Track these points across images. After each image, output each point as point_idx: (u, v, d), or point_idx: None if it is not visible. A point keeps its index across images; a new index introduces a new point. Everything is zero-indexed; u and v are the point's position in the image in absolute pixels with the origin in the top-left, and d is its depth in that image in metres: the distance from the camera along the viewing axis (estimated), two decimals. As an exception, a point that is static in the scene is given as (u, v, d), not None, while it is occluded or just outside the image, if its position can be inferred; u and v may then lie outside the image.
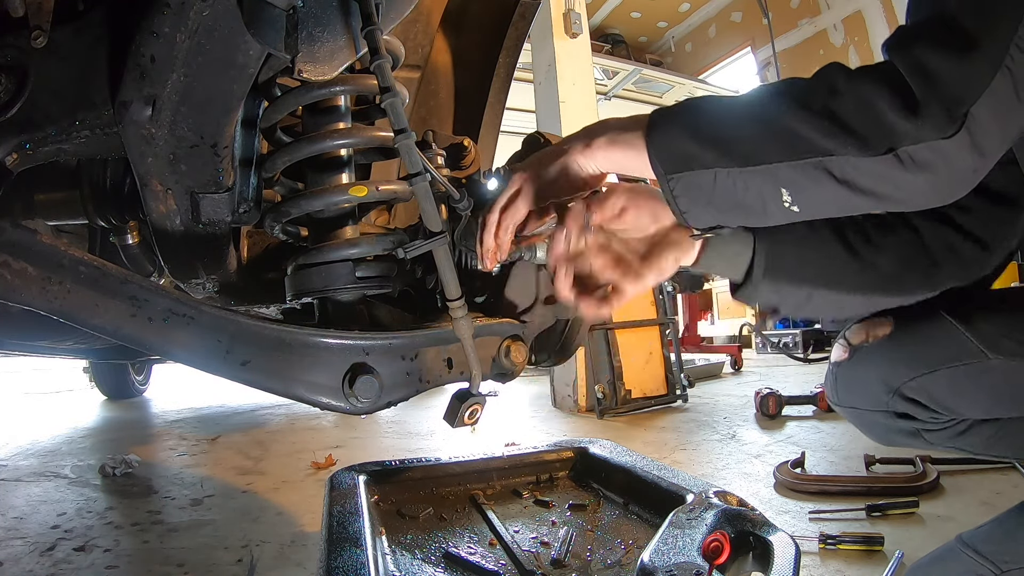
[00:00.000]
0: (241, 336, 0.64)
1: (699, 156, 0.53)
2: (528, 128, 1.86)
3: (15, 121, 0.60)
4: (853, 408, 0.80)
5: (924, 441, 0.77)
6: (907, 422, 0.75)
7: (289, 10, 0.54)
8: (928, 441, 0.77)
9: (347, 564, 0.63)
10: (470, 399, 0.61)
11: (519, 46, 1.21)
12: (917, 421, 0.75)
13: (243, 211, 0.76)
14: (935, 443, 0.77)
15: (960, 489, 1.21)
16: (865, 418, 0.80)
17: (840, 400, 0.82)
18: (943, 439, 0.76)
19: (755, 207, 0.54)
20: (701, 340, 5.53)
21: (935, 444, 0.77)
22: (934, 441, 0.76)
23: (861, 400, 0.79)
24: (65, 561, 1.05)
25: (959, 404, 0.71)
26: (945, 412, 0.73)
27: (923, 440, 0.77)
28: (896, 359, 0.73)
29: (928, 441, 0.77)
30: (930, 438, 0.76)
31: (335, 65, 0.58)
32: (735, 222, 0.59)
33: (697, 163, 0.54)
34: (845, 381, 0.80)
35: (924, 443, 0.78)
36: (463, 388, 0.61)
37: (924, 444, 0.78)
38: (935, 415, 0.73)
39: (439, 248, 0.51)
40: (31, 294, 0.57)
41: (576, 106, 2.78)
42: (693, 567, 0.58)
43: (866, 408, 0.78)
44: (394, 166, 1.14)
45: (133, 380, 3.57)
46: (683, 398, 2.62)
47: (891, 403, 0.74)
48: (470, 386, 0.61)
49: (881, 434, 0.81)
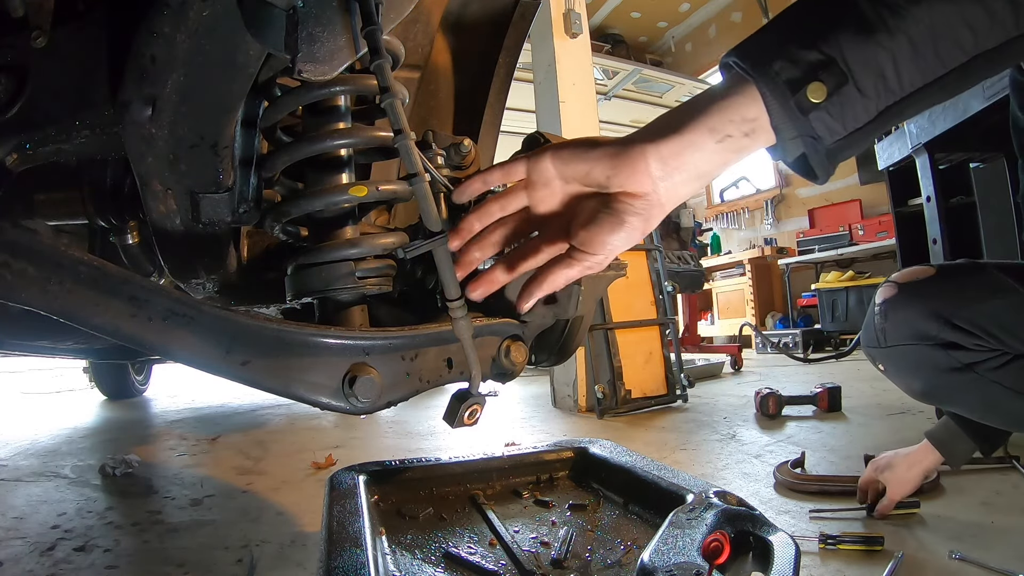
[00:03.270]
0: (241, 336, 0.64)
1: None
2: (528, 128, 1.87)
3: (15, 121, 0.60)
4: (900, 346, 0.88)
5: (971, 375, 0.84)
6: (956, 353, 0.83)
7: (289, 10, 0.54)
8: (975, 373, 0.84)
9: (347, 564, 0.63)
10: (470, 399, 0.60)
11: (519, 46, 1.21)
12: (964, 351, 0.83)
13: (243, 211, 0.76)
14: (980, 374, 0.84)
15: (960, 489, 1.21)
16: (912, 356, 0.87)
17: (888, 339, 0.89)
18: (987, 370, 0.83)
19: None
20: (701, 340, 5.53)
21: (980, 377, 0.84)
22: (980, 372, 0.84)
23: (911, 334, 0.86)
24: (65, 561, 1.05)
25: (1004, 334, 0.80)
26: (990, 340, 0.81)
27: (971, 374, 0.84)
28: (945, 293, 0.83)
29: (975, 373, 0.84)
30: (977, 368, 0.83)
31: (335, 65, 0.58)
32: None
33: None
34: (894, 317, 0.88)
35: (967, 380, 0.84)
36: (463, 388, 0.60)
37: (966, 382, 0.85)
38: (980, 343, 0.82)
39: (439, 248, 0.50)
40: (31, 294, 0.57)
41: (576, 106, 2.78)
42: (693, 567, 0.58)
43: (915, 343, 0.86)
44: (394, 166, 1.14)
45: (133, 380, 3.57)
46: (683, 398, 2.62)
47: (941, 332, 0.83)
48: (470, 386, 0.60)
49: (926, 374, 0.88)
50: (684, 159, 0.46)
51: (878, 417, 2.08)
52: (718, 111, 0.46)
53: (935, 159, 2.85)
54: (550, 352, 0.96)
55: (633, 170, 0.47)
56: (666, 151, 0.46)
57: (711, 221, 7.51)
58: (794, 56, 0.45)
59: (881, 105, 0.45)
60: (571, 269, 0.51)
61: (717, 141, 0.46)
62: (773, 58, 0.45)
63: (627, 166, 0.47)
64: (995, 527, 1.01)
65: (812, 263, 5.87)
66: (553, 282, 0.52)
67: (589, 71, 2.90)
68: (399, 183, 0.78)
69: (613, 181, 0.48)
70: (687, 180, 0.47)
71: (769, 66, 0.45)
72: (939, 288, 0.84)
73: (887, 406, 2.25)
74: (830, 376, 3.34)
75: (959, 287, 0.83)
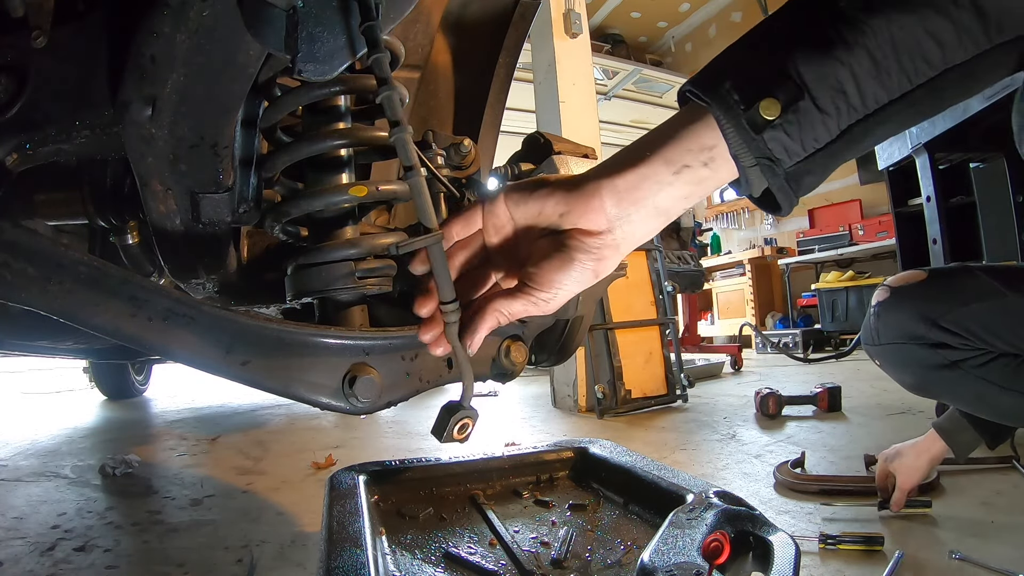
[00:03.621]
0: (241, 336, 0.64)
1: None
2: (528, 128, 1.86)
3: (15, 121, 0.60)
4: (892, 344, 0.95)
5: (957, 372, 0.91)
6: (943, 352, 0.90)
7: (289, 10, 0.54)
8: (961, 370, 0.91)
9: (347, 564, 0.63)
10: (460, 412, 0.54)
11: (519, 46, 1.21)
12: (950, 350, 0.90)
13: (243, 211, 0.76)
14: (967, 371, 0.91)
15: (960, 489, 1.21)
16: (903, 353, 0.95)
17: (881, 338, 0.97)
18: (972, 367, 0.90)
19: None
20: (701, 340, 5.53)
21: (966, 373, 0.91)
22: (966, 369, 0.90)
23: (901, 334, 0.94)
24: (65, 561, 1.05)
25: (987, 334, 0.86)
26: (974, 340, 0.87)
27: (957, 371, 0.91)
28: (933, 296, 0.90)
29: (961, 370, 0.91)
30: (963, 365, 0.90)
31: (335, 65, 0.58)
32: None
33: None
34: (886, 318, 0.95)
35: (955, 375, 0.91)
36: (453, 401, 0.56)
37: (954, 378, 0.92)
38: (965, 342, 0.88)
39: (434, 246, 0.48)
40: (31, 294, 0.57)
41: (576, 106, 2.78)
42: (693, 567, 0.58)
43: (905, 341, 0.93)
44: (394, 166, 1.14)
45: (133, 380, 3.57)
46: (683, 398, 2.62)
47: (928, 333, 0.90)
48: (461, 398, 0.54)
49: (916, 370, 0.95)
50: (641, 193, 0.44)
51: (878, 417, 2.08)
52: (674, 142, 0.44)
53: (935, 159, 2.86)
54: (550, 352, 0.96)
55: (587, 207, 0.45)
56: (622, 185, 0.44)
57: (711, 221, 7.51)
58: (746, 75, 0.43)
59: (843, 123, 0.42)
60: (515, 301, 0.47)
61: (674, 172, 0.44)
62: (724, 79, 0.43)
63: (580, 203, 0.45)
64: (995, 527, 1.01)
65: (812, 263, 5.87)
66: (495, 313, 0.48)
67: (589, 71, 2.90)
68: (399, 183, 0.78)
69: (566, 219, 0.46)
70: (645, 218, 0.45)
71: (720, 86, 0.43)
72: (928, 292, 0.91)
73: (887, 406, 2.25)
74: (830, 376, 3.34)
75: (946, 291, 0.89)
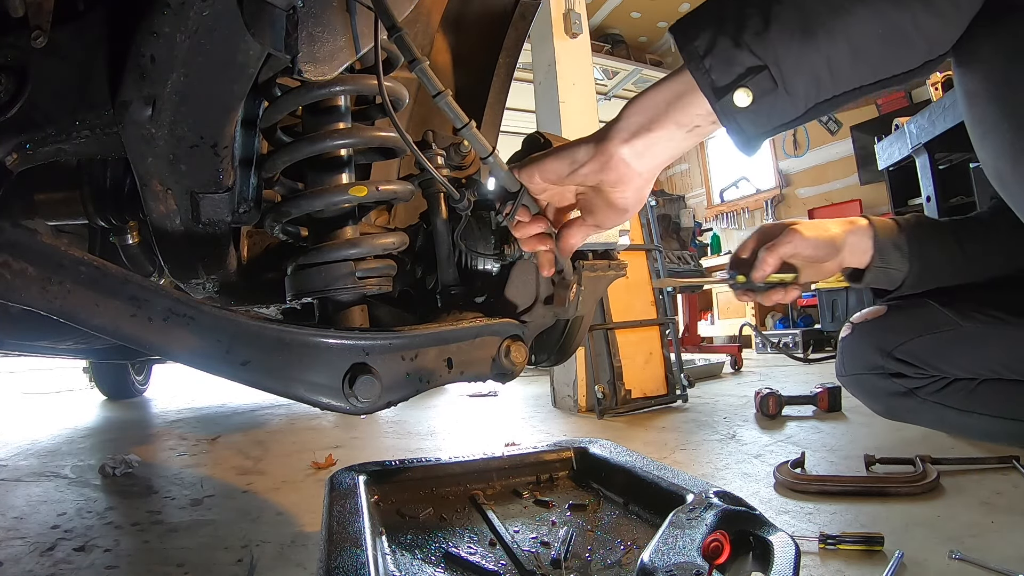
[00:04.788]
0: (241, 336, 0.64)
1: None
2: (528, 128, 1.86)
3: (15, 121, 0.60)
4: (856, 375, 0.99)
5: (915, 399, 0.95)
6: (900, 381, 0.94)
7: (289, 10, 0.54)
8: (918, 398, 0.94)
9: (347, 564, 0.63)
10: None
11: (519, 46, 1.21)
12: (907, 379, 0.94)
13: (243, 211, 0.76)
14: (924, 399, 0.94)
15: (960, 489, 1.21)
16: (865, 383, 0.99)
17: (846, 370, 1.01)
18: (929, 393, 0.93)
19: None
20: (701, 340, 5.53)
21: (924, 400, 0.94)
22: (923, 396, 0.94)
23: (862, 365, 0.98)
24: (65, 561, 1.05)
25: (940, 362, 0.90)
26: (927, 368, 0.91)
27: (914, 398, 0.95)
28: (887, 329, 0.94)
29: (918, 398, 0.94)
30: (919, 392, 0.94)
31: (335, 65, 0.58)
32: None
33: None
34: (849, 352, 0.99)
35: (914, 402, 0.95)
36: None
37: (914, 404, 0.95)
38: (920, 371, 0.92)
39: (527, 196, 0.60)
40: (31, 294, 0.57)
41: (576, 106, 2.78)
42: (693, 567, 0.58)
43: (866, 372, 0.98)
44: (394, 166, 1.14)
45: (133, 380, 3.57)
46: (683, 398, 2.61)
47: (885, 364, 0.94)
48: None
49: (880, 398, 0.99)
50: (657, 149, 0.53)
51: (878, 417, 2.08)
52: (682, 108, 0.50)
53: (935, 159, 2.85)
54: (550, 352, 0.96)
55: (619, 176, 0.54)
56: (641, 146, 0.52)
57: (711, 221, 7.51)
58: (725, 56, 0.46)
59: (810, 103, 0.47)
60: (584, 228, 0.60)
61: (687, 131, 0.51)
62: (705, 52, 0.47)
63: (612, 173, 0.54)
64: (995, 527, 1.01)
65: (812, 263, 5.85)
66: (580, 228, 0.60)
67: (589, 71, 2.90)
68: (399, 183, 0.78)
69: (604, 185, 0.55)
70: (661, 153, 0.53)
71: (701, 61, 0.47)
72: (884, 325, 0.94)
73: (887, 406, 2.25)
74: (830, 376, 3.34)
75: (901, 323, 0.92)
